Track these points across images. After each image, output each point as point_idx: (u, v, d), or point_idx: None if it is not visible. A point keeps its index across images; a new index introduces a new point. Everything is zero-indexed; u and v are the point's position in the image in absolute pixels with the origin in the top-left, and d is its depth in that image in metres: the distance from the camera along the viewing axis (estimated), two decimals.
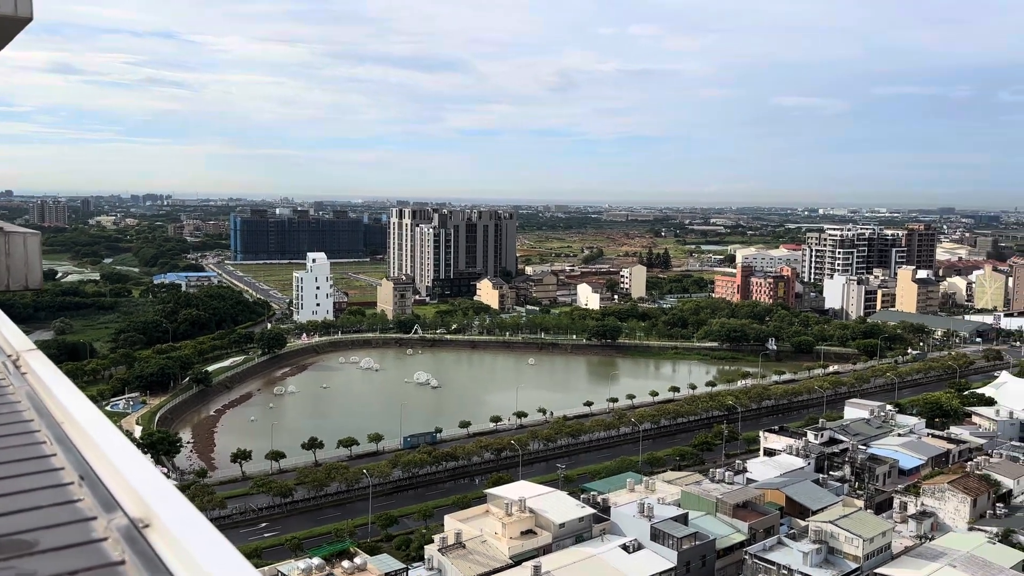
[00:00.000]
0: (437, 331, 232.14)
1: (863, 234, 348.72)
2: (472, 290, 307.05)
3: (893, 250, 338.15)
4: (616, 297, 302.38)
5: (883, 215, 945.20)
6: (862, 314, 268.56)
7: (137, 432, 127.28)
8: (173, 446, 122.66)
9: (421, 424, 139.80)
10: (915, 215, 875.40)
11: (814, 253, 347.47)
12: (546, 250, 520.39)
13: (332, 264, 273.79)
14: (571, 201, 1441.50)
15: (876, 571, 73.35)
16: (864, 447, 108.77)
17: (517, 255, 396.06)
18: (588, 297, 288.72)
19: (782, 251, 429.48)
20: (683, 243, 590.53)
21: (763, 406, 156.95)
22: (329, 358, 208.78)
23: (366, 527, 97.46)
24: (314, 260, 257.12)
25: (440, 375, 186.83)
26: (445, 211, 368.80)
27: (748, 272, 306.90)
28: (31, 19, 7.89)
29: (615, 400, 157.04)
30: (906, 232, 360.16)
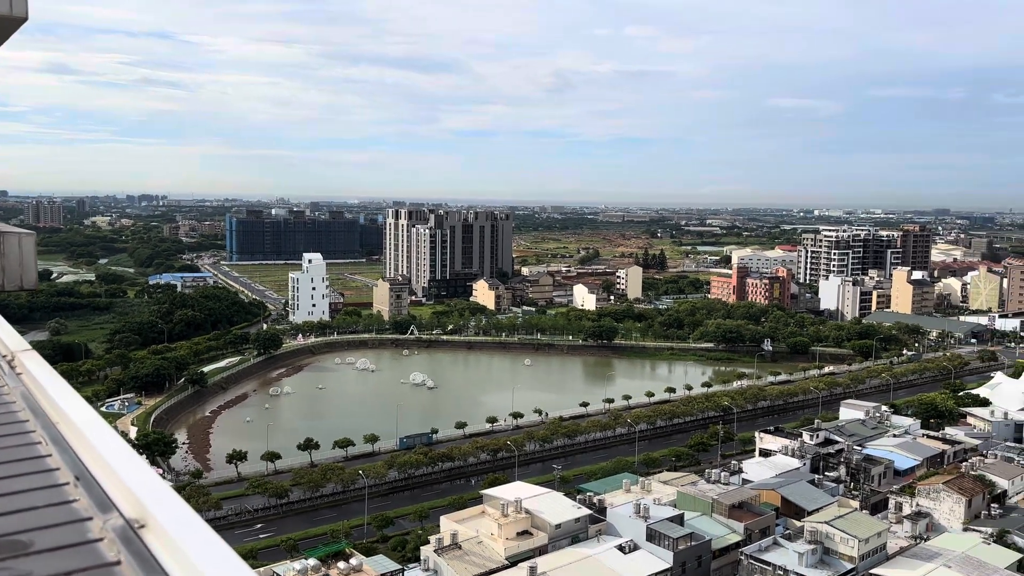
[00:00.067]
0: (433, 332, 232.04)
1: (858, 235, 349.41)
2: (468, 291, 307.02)
3: (888, 251, 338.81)
4: (612, 298, 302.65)
5: (878, 216, 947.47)
6: (857, 315, 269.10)
7: (132, 433, 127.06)
8: (168, 447, 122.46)
9: (417, 425, 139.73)
10: (910, 216, 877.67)
11: (810, 254, 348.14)
12: (542, 251, 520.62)
13: (328, 265, 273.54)
14: (567, 202, 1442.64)
15: (871, 571, 73.47)
16: (859, 448, 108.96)
17: (513, 256, 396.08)
18: (584, 298, 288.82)
19: (778, 252, 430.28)
20: (679, 244, 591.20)
21: (759, 407, 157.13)
22: (325, 359, 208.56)
23: (362, 528, 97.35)
24: (310, 261, 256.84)
25: (436, 376, 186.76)
26: (441, 212, 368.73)
27: (744, 273, 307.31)
28: (26, 19, 7.87)
29: (611, 401, 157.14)
30: (901, 233, 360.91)
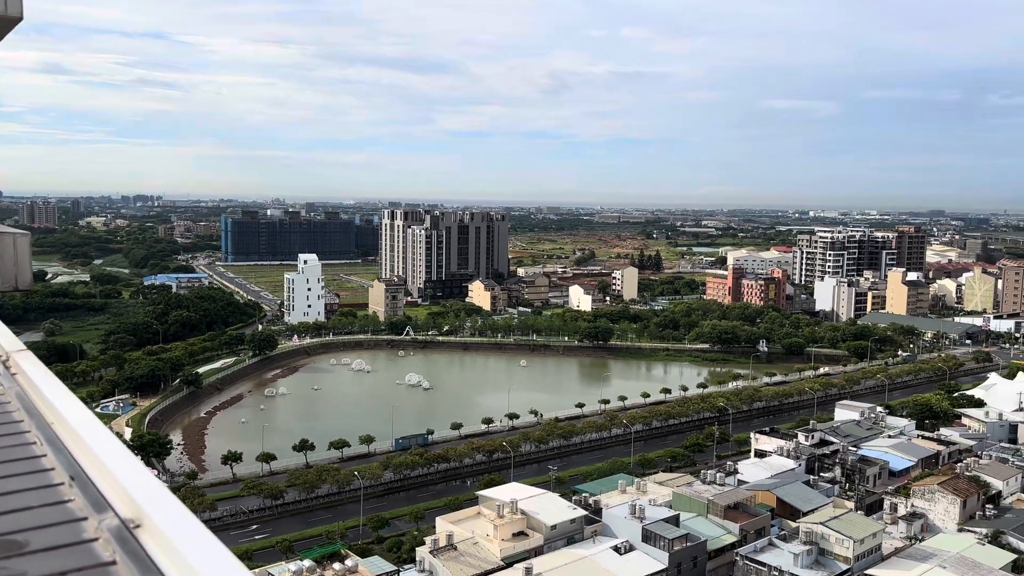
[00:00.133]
0: (429, 333, 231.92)
1: (853, 236, 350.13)
2: (464, 292, 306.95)
3: (883, 252, 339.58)
4: (608, 299, 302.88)
5: (873, 217, 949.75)
6: (852, 316, 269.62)
7: (127, 434, 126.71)
8: (163, 448, 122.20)
9: (413, 426, 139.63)
10: (905, 217, 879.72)
11: (805, 255, 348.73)
12: (538, 252, 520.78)
13: (323, 265, 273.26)
14: (563, 203, 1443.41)
15: (866, 572, 73.60)
16: (854, 448, 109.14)
17: (509, 257, 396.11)
18: (580, 299, 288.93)
19: (773, 253, 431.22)
20: (675, 245, 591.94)
21: (754, 408, 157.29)
22: (320, 360, 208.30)
23: (357, 529, 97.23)
24: (305, 261, 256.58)
25: (432, 377, 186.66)
26: (437, 213, 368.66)
27: (739, 274, 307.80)
28: (21, 18, 7.86)
29: (607, 402, 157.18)
30: (896, 234, 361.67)
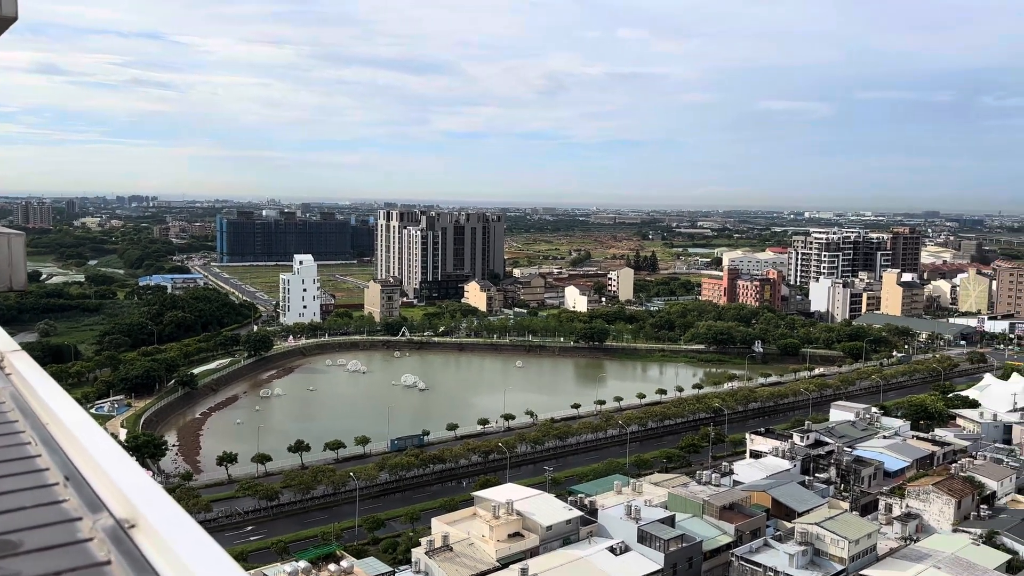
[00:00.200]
0: (424, 333, 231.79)
1: (848, 237, 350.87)
2: (460, 292, 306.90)
3: (878, 253, 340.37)
4: (604, 299, 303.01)
5: (868, 218, 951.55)
6: (847, 317, 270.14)
7: (122, 435, 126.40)
8: (158, 449, 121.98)
9: (408, 427, 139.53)
10: (900, 218, 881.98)
11: (800, 256, 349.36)
12: (534, 252, 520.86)
13: (319, 266, 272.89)
14: (559, 204, 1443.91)
15: (861, 573, 73.75)
16: (849, 449, 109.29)
17: (505, 257, 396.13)
18: (576, 299, 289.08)
19: (768, 254, 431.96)
20: (670, 246, 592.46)
21: (749, 408, 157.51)
22: (316, 360, 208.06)
23: (353, 530, 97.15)
24: (301, 262, 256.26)
25: (427, 377, 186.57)
26: (433, 213, 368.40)
27: (735, 275, 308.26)
28: (16, 18, 7.84)
29: (602, 402, 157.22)
30: (891, 235, 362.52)
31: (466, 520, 79.79)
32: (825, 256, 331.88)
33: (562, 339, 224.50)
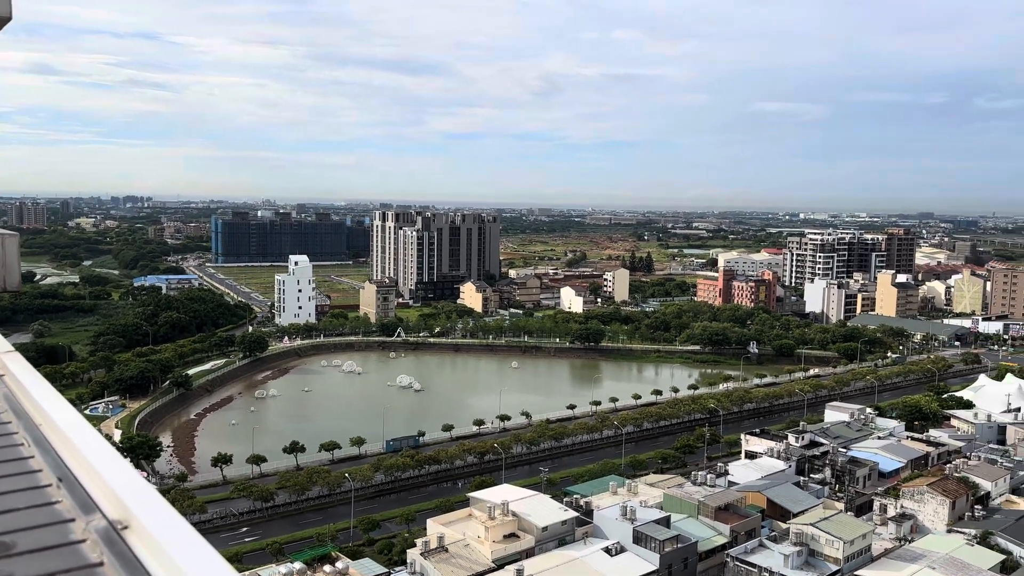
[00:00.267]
0: (420, 334, 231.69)
1: (843, 238, 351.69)
2: (455, 293, 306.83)
3: (873, 254, 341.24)
4: (599, 300, 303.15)
5: (863, 219, 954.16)
6: (842, 318, 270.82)
7: (117, 436, 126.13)
8: (153, 450, 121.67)
9: (404, 428, 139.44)
10: (894, 220, 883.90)
11: (795, 257, 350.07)
12: (529, 253, 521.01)
13: (314, 267, 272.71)
14: (554, 205, 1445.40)
15: (856, 573, 73.90)
16: (844, 450, 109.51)
17: (500, 258, 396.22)
18: (571, 300, 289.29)
19: (763, 255, 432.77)
20: (666, 247, 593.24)
21: (744, 409, 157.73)
22: (311, 361, 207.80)
23: (348, 531, 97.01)
24: (296, 263, 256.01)
25: (423, 378, 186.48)
26: (428, 214, 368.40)
27: (730, 276, 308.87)
28: (10, 18, 7.83)
29: (598, 403, 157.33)
30: (886, 237, 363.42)
31: (462, 521, 79.80)
32: (820, 257, 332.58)
33: (558, 340, 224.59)
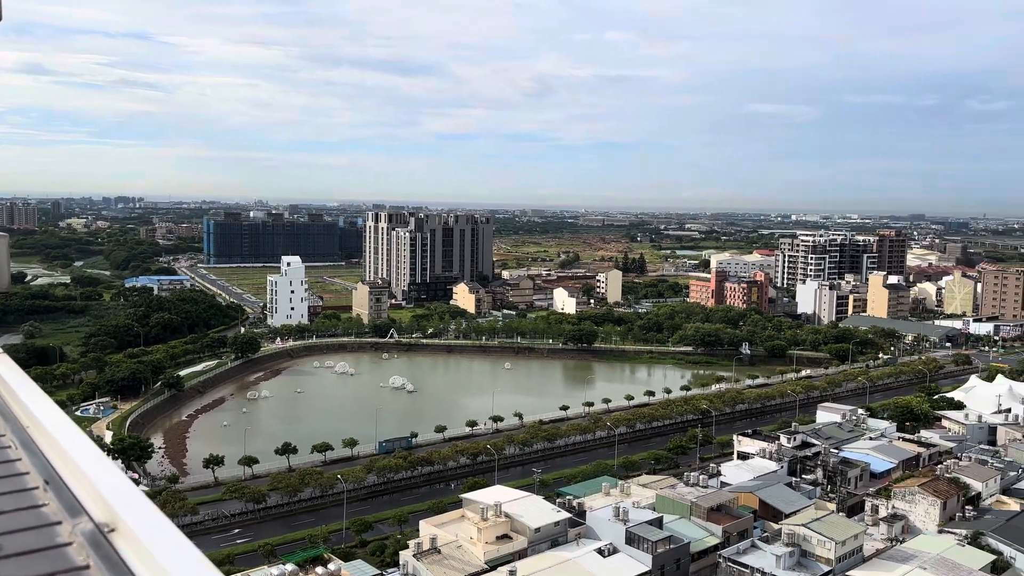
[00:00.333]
0: (413, 335, 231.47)
1: (835, 240, 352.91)
2: (448, 294, 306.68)
3: (864, 256, 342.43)
4: (592, 302, 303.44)
5: (855, 221, 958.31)
6: (834, 319, 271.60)
7: (108, 437, 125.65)
8: (144, 451, 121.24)
9: (396, 429, 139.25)
10: (886, 221, 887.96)
11: (787, 258, 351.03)
12: (523, 254, 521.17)
13: (307, 268, 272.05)
14: (547, 206, 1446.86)
15: (848, 574, 74.11)
16: (836, 450, 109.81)
17: (494, 259, 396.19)
18: (564, 301, 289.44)
19: (756, 256, 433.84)
20: (658, 248, 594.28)
21: (737, 410, 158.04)
22: (303, 362, 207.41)
23: (340, 533, 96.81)
24: (288, 264, 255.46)
25: (416, 379, 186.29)
26: (421, 215, 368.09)
27: (722, 277, 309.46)
28: (0, 19, 7.79)
29: (591, 404, 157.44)
30: (877, 238, 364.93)
31: (454, 522, 79.73)
32: (812, 258, 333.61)
33: (550, 341, 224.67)
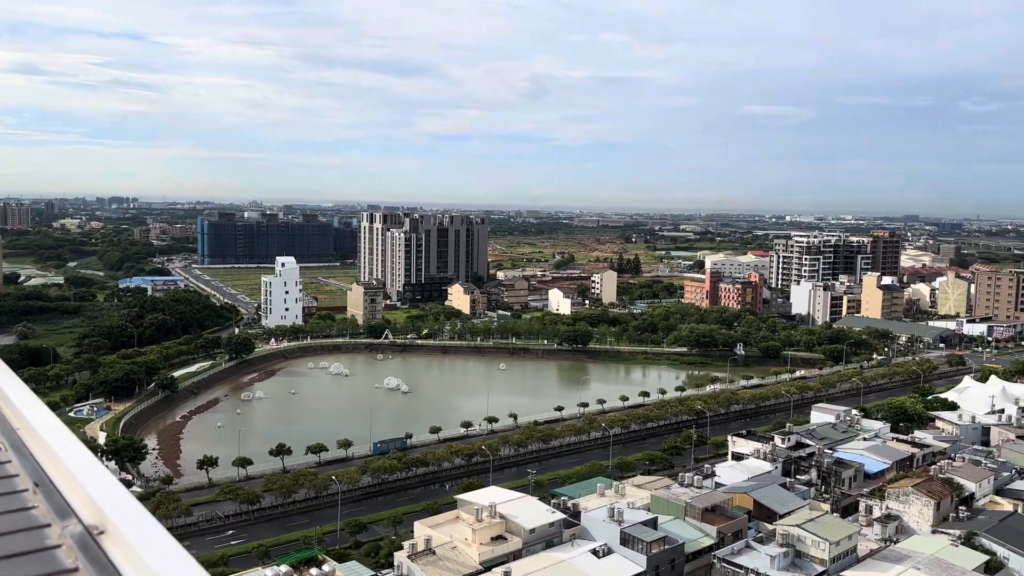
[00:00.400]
0: (408, 336, 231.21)
1: (829, 241, 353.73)
2: (443, 295, 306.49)
3: (858, 257, 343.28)
4: (587, 302, 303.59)
5: (849, 222, 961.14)
6: (828, 320, 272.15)
7: (101, 438, 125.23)
8: (138, 453, 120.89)
9: (391, 430, 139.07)
10: (880, 222, 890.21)
11: (781, 259, 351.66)
12: (518, 255, 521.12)
13: (301, 268, 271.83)
14: (542, 206, 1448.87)
15: (842, 574, 74.21)
16: (830, 451, 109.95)
17: (489, 260, 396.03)
18: (559, 302, 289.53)
19: (750, 257, 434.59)
20: (653, 249, 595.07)
21: (731, 411, 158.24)
22: (298, 363, 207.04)
23: (335, 534, 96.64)
24: (283, 264, 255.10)
25: (411, 380, 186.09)
26: (416, 216, 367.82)
27: (717, 278, 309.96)
28: None
29: (586, 405, 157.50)
30: (871, 239, 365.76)
31: (449, 523, 79.63)
32: (806, 259, 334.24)
33: (545, 342, 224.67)
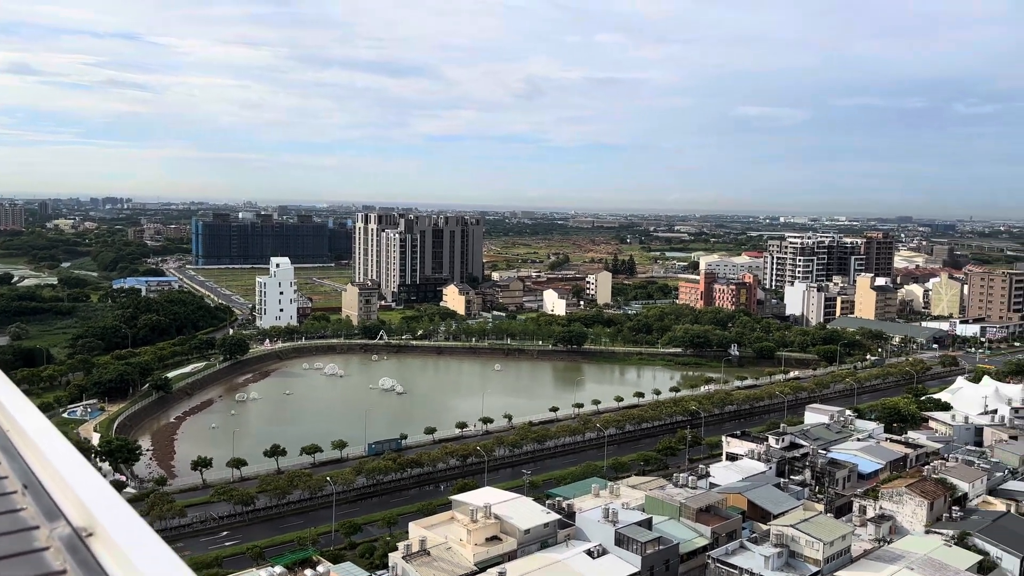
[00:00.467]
0: (403, 337, 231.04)
1: (823, 242, 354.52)
2: (438, 296, 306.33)
3: (852, 258, 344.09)
4: (582, 303, 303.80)
5: (842, 223, 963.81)
6: (822, 320, 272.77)
7: (95, 439, 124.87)
8: (132, 454, 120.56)
9: (386, 431, 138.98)
10: (873, 223, 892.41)
11: (775, 260, 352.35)
12: (512, 256, 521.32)
13: (296, 269, 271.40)
14: (537, 207, 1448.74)
15: (836, 574, 74.38)
16: (824, 451, 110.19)
17: (483, 261, 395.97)
18: (554, 303, 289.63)
19: (744, 258, 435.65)
20: (648, 250, 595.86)
21: (726, 411, 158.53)
22: (293, 364, 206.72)
23: (329, 535, 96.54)
24: (278, 265, 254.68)
25: (405, 381, 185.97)
26: (411, 216, 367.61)
27: (711, 279, 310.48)
28: None
29: (580, 406, 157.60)
30: (865, 240, 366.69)
31: (444, 524, 79.60)
32: (800, 260, 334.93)
33: (540, 342, 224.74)
